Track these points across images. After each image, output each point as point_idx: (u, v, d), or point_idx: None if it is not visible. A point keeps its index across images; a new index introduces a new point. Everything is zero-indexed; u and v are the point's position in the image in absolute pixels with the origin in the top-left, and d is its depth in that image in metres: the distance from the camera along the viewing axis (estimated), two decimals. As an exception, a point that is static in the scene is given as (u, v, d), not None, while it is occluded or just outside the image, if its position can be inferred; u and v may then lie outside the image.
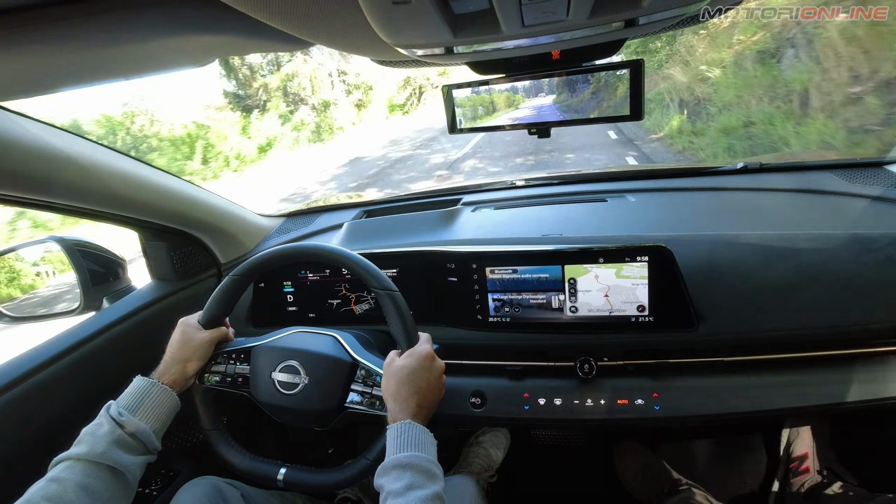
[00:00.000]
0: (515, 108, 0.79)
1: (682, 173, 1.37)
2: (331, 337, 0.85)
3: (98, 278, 1.07)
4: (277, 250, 0.84)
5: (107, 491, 0.63)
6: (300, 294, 1.13)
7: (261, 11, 0.44)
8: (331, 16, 0.46)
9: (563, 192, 1.36)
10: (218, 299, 0.85)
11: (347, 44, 0.58)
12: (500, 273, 0.96)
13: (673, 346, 0.93)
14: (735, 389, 0.89)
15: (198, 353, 0.82)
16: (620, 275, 0.90)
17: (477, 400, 0.98)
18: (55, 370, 0.89)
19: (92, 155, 0.86)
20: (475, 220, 1.24)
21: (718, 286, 0.92)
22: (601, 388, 0.94)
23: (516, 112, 0.79)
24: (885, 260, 0.87)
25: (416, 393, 0.71)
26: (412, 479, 0.61)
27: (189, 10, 0.49)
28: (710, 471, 1.41)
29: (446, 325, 1.03)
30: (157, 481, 1.03)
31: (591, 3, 0.44)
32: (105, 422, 0.68)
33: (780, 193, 1.18)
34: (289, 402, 0.80)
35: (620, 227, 1.11)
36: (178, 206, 1.08)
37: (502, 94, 0.78)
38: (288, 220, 1.48)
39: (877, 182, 1.13)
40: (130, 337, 1.04)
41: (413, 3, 0.40)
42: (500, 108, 0.80)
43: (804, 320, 0.87)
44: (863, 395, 0.86)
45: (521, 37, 0.54)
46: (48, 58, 0.52)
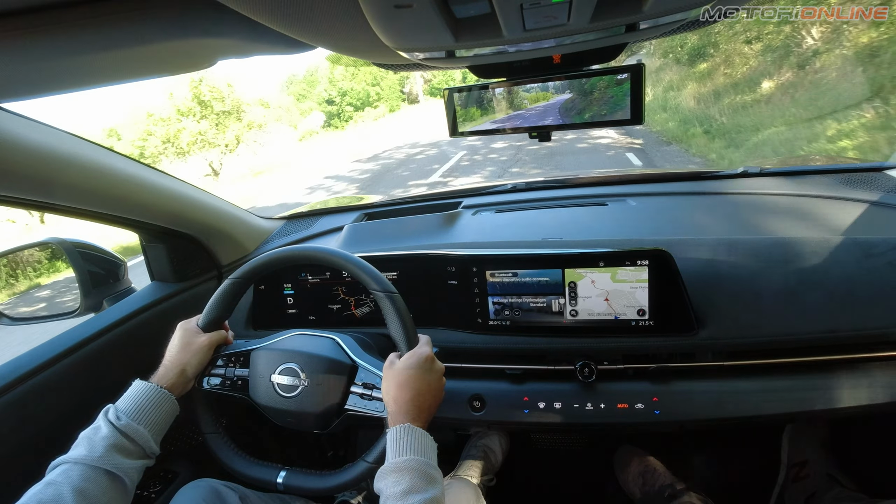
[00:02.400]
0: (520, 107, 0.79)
1: (682, 177, 1.37)
2: (330, 339, 0.85)
3: (98, 279, 1.07)
4: (276, 253, 0.84)
5: (104, 495, 0.62)
6: (300, 296, 1.12)
7: (263, 15, 0.44)
8: (333, 19, 0.46)
9: (564, 195, 1.36)
10: (217, 303, 0.85)
11: (349, 47, 0.58)
12: (501, 276, 0.96)
13: (673, 350, 0.93)
14: (735, 394, 0.89)
15: (197, 356, 0.81)
16: (616, 279, 0.90)
17: (477, 403, 0.97)
18: (54, 372, 0.89)
19: (93, 156, 0.86)
20: (476, 224, 1.24)
21: (719, 290, 0.91)
22: (601, 391, 0.94)
23: (517, 115, 0.79)
24: (886, 265, 0.87)
25: (416, 395, 0.71)
26: (411, 482, 0.61)
27: (192, 13, 0.49)
28: (710, 476, 1.40)
29: (446, 328, 1.02)
30: (155, 483, 1.03)
31: (592, 8, 0.44)
32: (103, 426, 0.67)
33: (780, 198, 1.18)
34: (288, 405, 0.80)
35: (621, 230, 1.11)
36: (179, 208, 1.08)
37: (530, 93, 0.77)
38: (288, 223, 1.48)
39: (877, 187, 1.13)
40: (130, 339, 1.04)
41: (414, 7, 0.40)
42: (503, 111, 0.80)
43: (804, 325, 0.87)
44: (863, 400, 0.86)
45: (523, 41, 0.54)
46: (51, 60, 0.52)
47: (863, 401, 0.86)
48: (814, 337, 0.87)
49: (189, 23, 0.50)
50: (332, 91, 32.38)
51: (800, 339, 0.88)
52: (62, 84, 0.62)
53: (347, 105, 31.31)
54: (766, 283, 0.90)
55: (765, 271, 0.91)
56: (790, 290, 0.89)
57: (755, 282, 0.90)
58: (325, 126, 29.78)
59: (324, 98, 32.99)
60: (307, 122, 29.70)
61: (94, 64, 0.55)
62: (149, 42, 0.50)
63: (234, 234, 1.28)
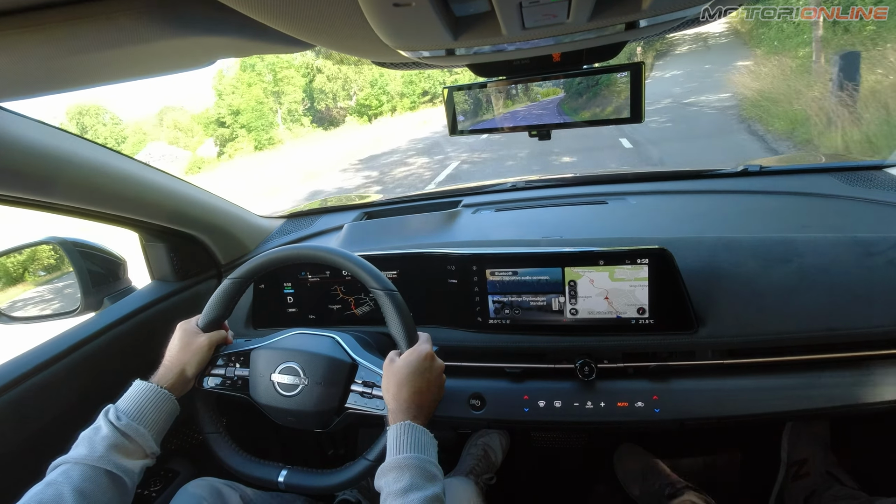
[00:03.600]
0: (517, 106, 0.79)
1: (682, 176, 1.37)
2: (330, 338, 0.85)
3: (98, 279, 1.07)
4: (276, 252, 0.84)
5: (104, 495, 0.62)
6: (300, 295, 1.12)
7: (262, 14, 0.44)
8: (332, 18, 0.46)
9: (564, 194, 1.36)
10: (217, 302, 0.85)
11: (348, 46, 0.58)
12: (501, 275, 0.96)
13: (673, 348, 0.93)
14: (735, 392, 0.89)
15: (197, 356, 0.81)
16: (614, 277, 0.90)
17: (477, 402, 0.97)
18: (54, 371, 0.89)
19: (92, 156, 0.86)
20: (475, 223, 1.24)
21: (719, 289, 0.91)
22: (601, 390, 0.94)
23: (516, 114, 0.79)
24: (886, 263, 0.87)
25: (416, 393, 0.71)
26: (412, 480, 0.61)
27: (191, 11, 0.49)
28: (710, 474, 1.40)
29: (446, 326, 1.02)
30: (156, 482, 1.03)
31: (591, 6, 0.44)
32: (103, 426, 0.67)
33: (780, 196, 1.18)
34: (289, 404, 0.80)
35: (621, 229, 1.11)
36: (179, 207, 1.08)
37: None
38: (288, 222, 1.48)
39: (877, 185, 1.13)
40: (130, 338, 1.04)
41: (414, 6, 0.40)
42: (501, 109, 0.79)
43: (804, 323, 0.87)
44: (863, 399, 0.86)
45: (522, 39, 0.54)
46: (50, 59, 0.52)
47: (862, 399, 0.86)
48: (814, 335, 0.87)
49: (188, 21, 0.50)
50: (221, 108, 24.63)
51: (800, 337, 0.88)
52: (61, 83, 0.62)
53: (240, 127, 24.02)
54: (766, 282, 0.90)
55: (765, 269, 0.91)
56: (790, 288, 0.89)
57: (755, 280, 0.90)
58: (220, 155, 23.70)
59: (214, 118, 25.32)
60: (202, 149, 24.95)
61: (91, 63, 0.55)
62: (147, 41, 0.50)
63: (234, 233, 1.28)
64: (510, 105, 0.79)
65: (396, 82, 25.64)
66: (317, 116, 27.57)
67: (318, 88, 27.18)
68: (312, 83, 27.08)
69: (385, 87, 26.04)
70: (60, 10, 0.46)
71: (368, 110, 26.13)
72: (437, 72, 13.21)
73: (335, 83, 27.16)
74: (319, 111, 27.73)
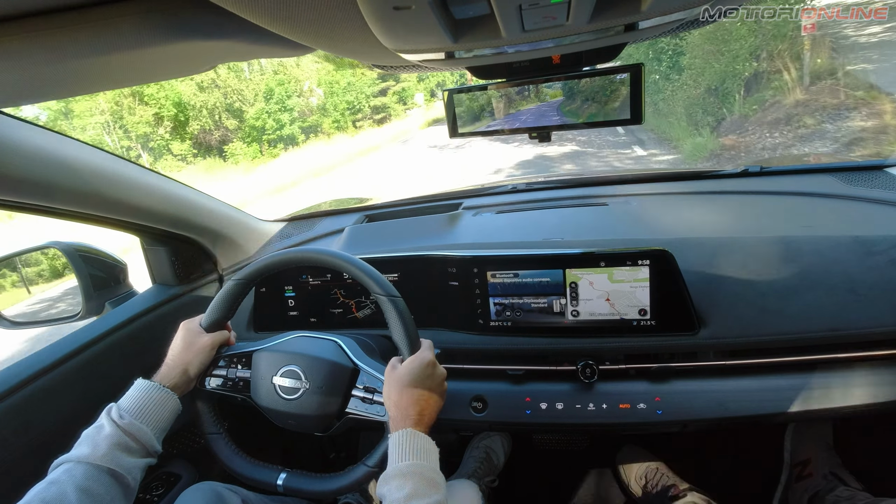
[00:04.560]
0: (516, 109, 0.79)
1: (683, 177, 1.37)
2: (332, 342, 0.85)
3: (99, 283, 1.07)
4: (279, 255, 0.84)
5: (107, 494, 0.62)
6: (301, 298, 1.12)
7: (261, 17, 0.44)
8: (331, 21, 0.46)
9: (565, 196, 1.36)
10: (220, 303, 0.85)
11: (348, 49, 0.58)
12: (502, 277, 0.96)
13: (675, 349, 0.93)
14: (737, 393, 0.89)
15: (199, 356, 0.82)
16: (613, 279, 0.90)
17: (478, 404, 0.97)
18: (57, 376, 0.89)
19: (93, 160, 0.86)
20: (476, 225, 1.24)
21: (720, 290, 0.91)
22: (603, 392, 0.93)
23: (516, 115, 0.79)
24: (888, 263, 0.87)
25: (417, 400, 0.71)
26: (414, 487, 0.61)
27: (190, 16, 0.49)
28: (712, 475, 1.40)
29: (447, 329, 1.02)
30: (157, 486, 1.03)
31: (591, 8, 0.44)
32: (106, 424, 0.68)
33: (781, 197, 1.18)
34: (290, 407, 0.80)
35: (622, 231, 1.10)
36: (180, 211, 1.08)
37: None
38: (289, 225, 1.48)
39: (878, 185, 1.13)
40: (132, 342, 1.04)
41: (413, 9, 0.40)
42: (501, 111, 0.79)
43: (806, 324, 0.87)
44: (866, 399, 0.86)
45: (522, 42, 0.54)
46: (49, 65, 0.52)
47: (865, 399, 0.86)
48: (816, 335, 0.87)
49: (188, 26, 0.50)
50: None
51: (802, 337, 0.87)
52: (62, 89, 0.62)
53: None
54: (768, 282, 0.90)
55: (766, 270, 0.91)
56: (791, 288, 0.89)
57: (756, 281, 0.90)
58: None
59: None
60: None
61: (93, 69, 0.55)
62: (147, 46, 0.50)
63: (235, 237, 1.28)
64: (510, 107, 0.79)
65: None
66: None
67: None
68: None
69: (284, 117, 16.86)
70: (61, 16, 0.47)
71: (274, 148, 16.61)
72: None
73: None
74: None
